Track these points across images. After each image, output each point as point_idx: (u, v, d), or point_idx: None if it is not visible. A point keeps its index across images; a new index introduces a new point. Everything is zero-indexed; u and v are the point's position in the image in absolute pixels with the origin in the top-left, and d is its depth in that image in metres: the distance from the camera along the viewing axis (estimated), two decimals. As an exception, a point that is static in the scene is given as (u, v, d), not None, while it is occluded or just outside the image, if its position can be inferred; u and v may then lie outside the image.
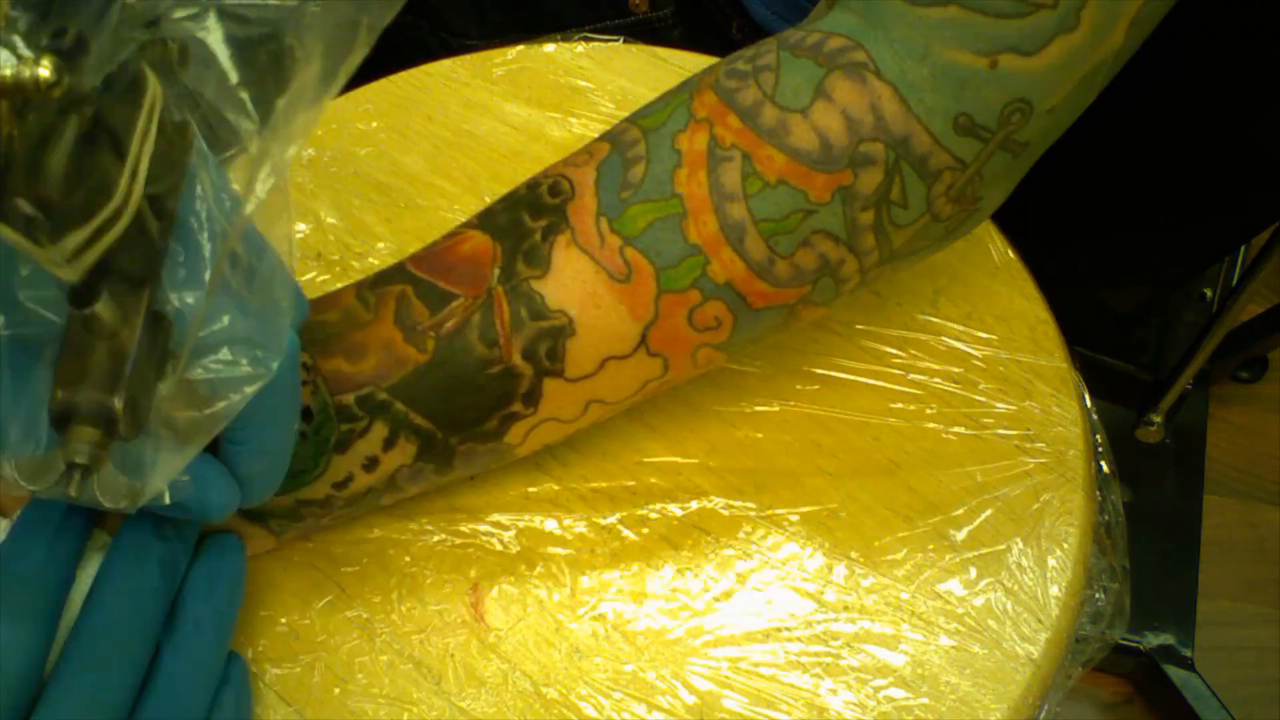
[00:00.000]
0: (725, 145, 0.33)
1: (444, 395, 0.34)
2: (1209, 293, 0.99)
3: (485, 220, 0.35)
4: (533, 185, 0.35)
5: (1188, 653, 0.90)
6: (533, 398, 0.34)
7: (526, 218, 0.34)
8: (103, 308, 0.24)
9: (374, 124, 0.50)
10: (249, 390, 0.26)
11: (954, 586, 0.38)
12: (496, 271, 0.34)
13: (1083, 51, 0.31)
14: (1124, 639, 0.84)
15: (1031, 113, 0.32)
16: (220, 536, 0.32)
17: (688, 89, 0.35)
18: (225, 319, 0.26)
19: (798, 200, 0.32)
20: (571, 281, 0.33)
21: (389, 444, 0.34)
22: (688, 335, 0.34)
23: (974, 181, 0.33)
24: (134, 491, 0.26)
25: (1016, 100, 0.32)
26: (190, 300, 0.25)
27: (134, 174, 0.22)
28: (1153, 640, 0.91)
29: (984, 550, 0.39)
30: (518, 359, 0.33)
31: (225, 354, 0.26)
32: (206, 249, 0.26)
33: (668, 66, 0.52)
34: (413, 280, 0.34)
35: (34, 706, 0.27)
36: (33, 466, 0.25)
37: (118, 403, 0.24)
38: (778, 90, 0.32)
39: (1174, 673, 0.89)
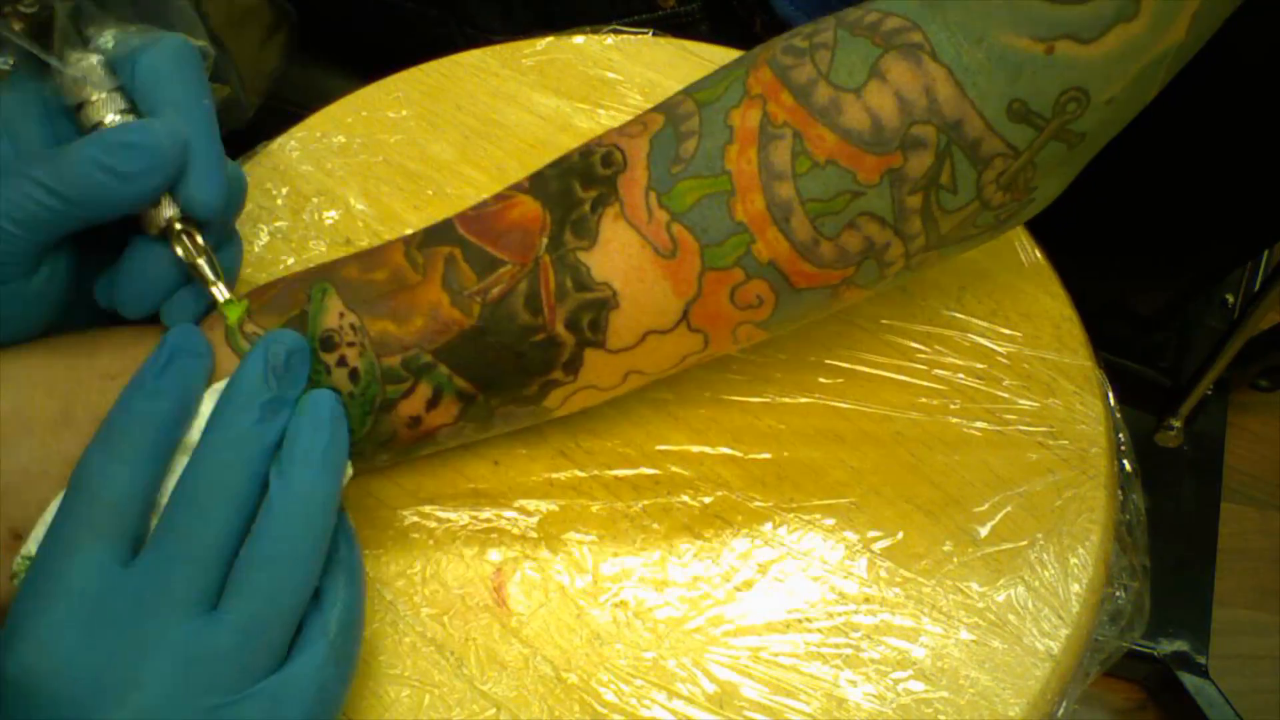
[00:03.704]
0: (777, 123, 0.33)
1: (487, 360, 0.34)
2: (1230, 298, 0.99)
3: (536, 185, 0.36)
4: (585, 153, 0.35)
5: (1202, 660, 0.89)
6: (573, 366, 0.35)
7: (577, 187, 0.35)
8: None
9: (404, 112, 0.50)
10: None
11: (975, 581, 0.38)
12: (545, 240, 0.34)
13: (1142, 42, 0.31)
14: (1138, 645, 0.83)
15: (1088, 102, 0.32)
16: (320, 391, 0.33)
17: (744, 64, 0.35)
18: None
19: (846, 181, 0.32)
20: (617, 255, 0.34)
21: (432, 404, 0.34)
22: (729, 313, 0.35)
23: (1027, 170, 0.33)
24: None
25: (1072, 88, 0.31)
26: None
27: None
28: (1167, 647, 0.90)
29: (1005, 546, 0.39)
30: (560, 328, 0.34)
31: None
32: None
33: (696, 60, 0.53)
34: (461, 243, 0.35)
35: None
36: None
37: None
38: (833, 69, 0.33)
39: (1188, 680, 0.89)
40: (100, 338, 0.34)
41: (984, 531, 0.39)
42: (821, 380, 0.42)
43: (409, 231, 0.46)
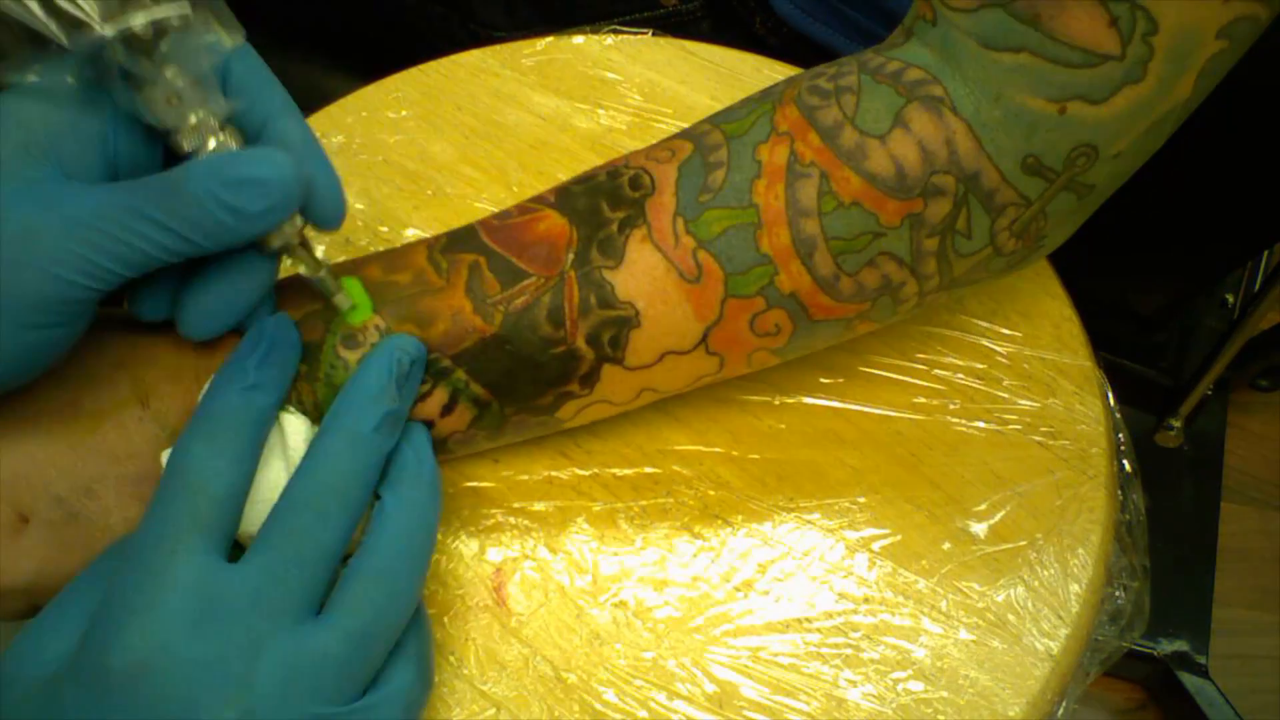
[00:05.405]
0: (804, 162, 0.34)
1: (506, 369, 0.35)
2: (1230, 298, 0.98)
3: (563, 201, 0.36)
4: (614, 174, 0.36)
5: (1202, 660, 0.89)
6: (590, 380, 0.35)
7: (605, 206, 0.35)
8: None
9: (404, 112, 0.51)
10: None
11: (974, 581, 0.38)
12: (571, 256, 0.35)
13: (1149, 101, 0.32)
14: (1138, 645, 0.83)
15: (1097, 157, 0.33)
16: (418, 424, 0.34)
17: (770, 99, 0.36)
18: None
19: (869, 222, 0.34)
20: (643, 276, 0.34)
21: (447, 410, 0.35)
22: (747, 339, 0.36)
23: (1038, 219, 0.35)
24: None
25: (1083, 145, 0.33)
26: None
27: None
28: (1167, 647, 0.90)
29: (1005, 546, 0.39)
30: (581, 343, 0.34)
31: None
32: None
33: (696, 60, 0.53)
34: (487, 252, 0.35)
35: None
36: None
37: None
38: (858, 113, 0.34)
39: (1188, 680, 0.89)
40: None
41: (983, 531, 0.39)
42: (821, 380, 0.42)
43: (409, 231, 0.46)
